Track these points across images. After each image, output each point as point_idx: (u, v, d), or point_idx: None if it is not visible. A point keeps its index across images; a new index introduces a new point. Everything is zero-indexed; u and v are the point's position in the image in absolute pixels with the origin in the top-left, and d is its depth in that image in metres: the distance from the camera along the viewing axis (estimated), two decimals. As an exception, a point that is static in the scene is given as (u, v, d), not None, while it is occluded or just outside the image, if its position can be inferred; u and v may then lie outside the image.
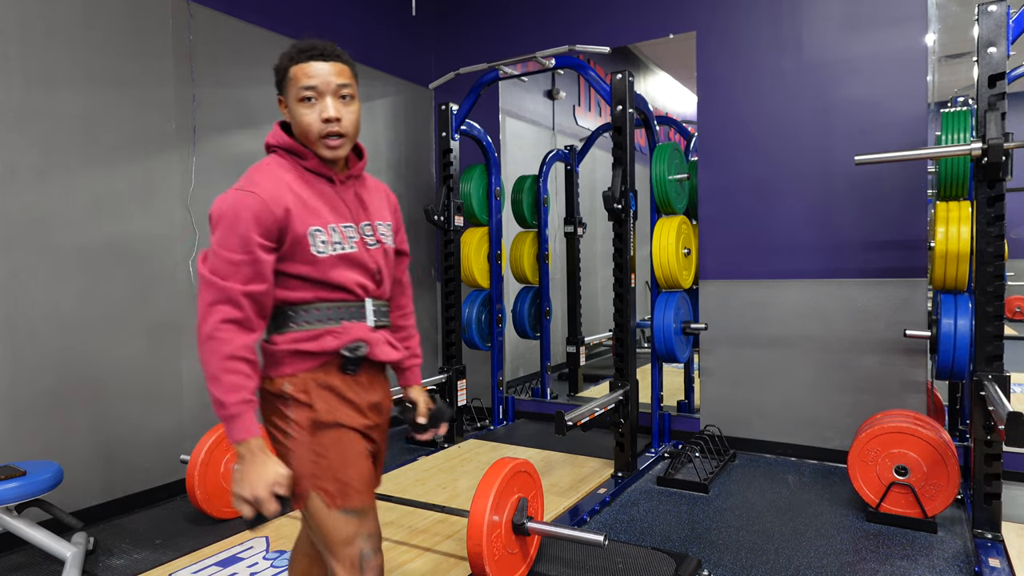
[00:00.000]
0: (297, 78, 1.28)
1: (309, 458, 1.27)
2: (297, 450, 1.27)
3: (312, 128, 1.27)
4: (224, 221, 1.20)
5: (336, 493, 1.27)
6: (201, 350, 1.17)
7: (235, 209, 1.20)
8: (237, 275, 1.19)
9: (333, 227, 1.29)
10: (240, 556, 2.36)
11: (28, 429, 2.54)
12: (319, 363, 1.28)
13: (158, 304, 2.97)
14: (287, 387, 1.27)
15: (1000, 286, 2.31)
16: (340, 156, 1.31)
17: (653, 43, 3.89)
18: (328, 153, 1.29)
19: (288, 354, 1.27)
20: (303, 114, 1.27)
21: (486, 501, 1.97)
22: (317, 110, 1.27)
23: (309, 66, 1.27)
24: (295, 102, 1.28)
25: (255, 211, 1.20)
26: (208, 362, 1.16)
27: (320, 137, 1.27)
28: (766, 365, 3.52)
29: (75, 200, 2.69)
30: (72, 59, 2.67)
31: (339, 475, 1.27)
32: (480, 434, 3.98)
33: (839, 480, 3.09)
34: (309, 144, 1.29)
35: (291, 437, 1.27)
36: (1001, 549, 2.28)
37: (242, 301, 1.18)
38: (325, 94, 1.27)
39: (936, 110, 3.08)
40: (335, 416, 1.29)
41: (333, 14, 3.90)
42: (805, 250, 3.42)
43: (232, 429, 1.16)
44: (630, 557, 2.27)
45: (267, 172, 1.27)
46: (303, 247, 1.25)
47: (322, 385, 1.29)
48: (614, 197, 3.04)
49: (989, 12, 2.30)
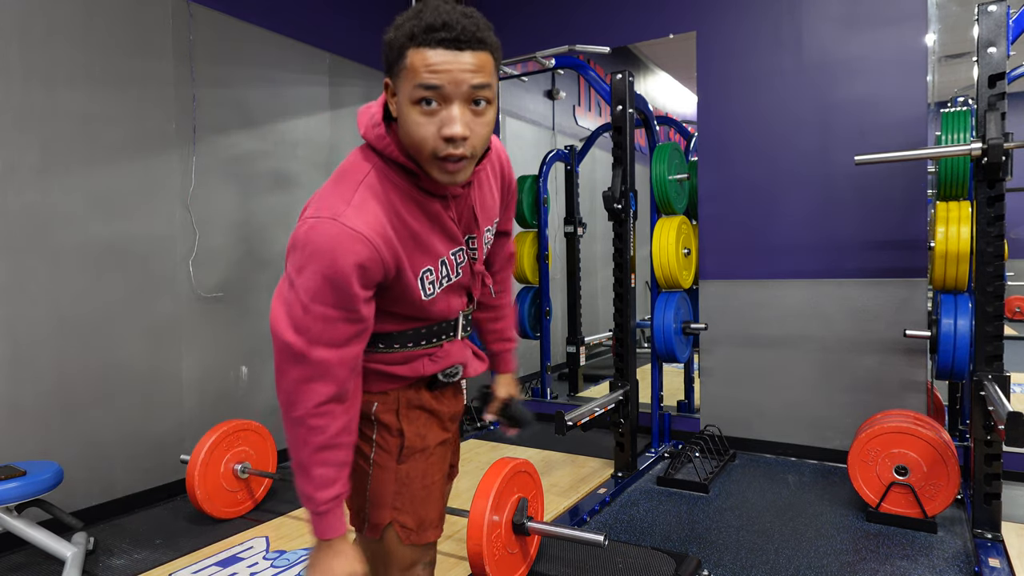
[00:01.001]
0: (415, 70, 0.90)
1: (392, 488, 1.12)
2: (379, 477, 1.12)
3: (427, 145, 0.93)
4: (318, 265, 0.92)
5: (414, 528, 1.14)
6: (289, 432, 0.99)
7: (335, 255, 0.92)
8: (333, 336, 0.95)
9: (443, 260, 1.07)
10: (240, 556, 2.36)
11: (28, 429, 2.54)
12: (407, 384, 1.14)
13: (158, 304, 2.97)
14: (375, 408, 1.11)
15: (1000, 286, 2.31)
16: (459, 181, 0.98)
17: (653, 43, 3.89)
18: (444, 179, 0.97)
19: (376, 374, 1.10)
20: (417, 123, 0.93)
21: (486, 501, 1.97)
22: (438, 121, 0.92)
23: (435, 54, 0.89)
24: (408, 102, 0.93)
25: (362, 261, 0.93)
26: (297, 449, 0.99)
27: (434, 157, 0.94)
28: (766, 365, 3.52)
29: (75, 200, 2.69)
30: (72, 59, 2.67)
31: (420, 510, 1.14)
32: (480, 434, 3.98)
33: (839, 480, 3.09)
34: (419, 158, 0.97)
35: (374, 463, 1.12)
36: (1001, 549, 2.28)
37: (338, 372, 0.98)
38: (453, 99, 0.91)
39: (936, 110, 3.08)
40: (424, 440, 1.15)
41: (333, 14, 3.90)
42: (805, 250, 3.42)
43: (318, 526, 1.01)
44: (630, 557, 2.27)
45: (370, 194, 0.98)
46: (411, 292, 1.03)
47: (413, 405, 1.14)
48: (614, 197, 3.04)
49: (989, 12, 2.30)
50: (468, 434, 3.97)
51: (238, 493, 2.76)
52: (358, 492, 1.13)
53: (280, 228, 3.55)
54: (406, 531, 1.13)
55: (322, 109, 3.83)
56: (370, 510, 1.13)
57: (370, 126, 1.01)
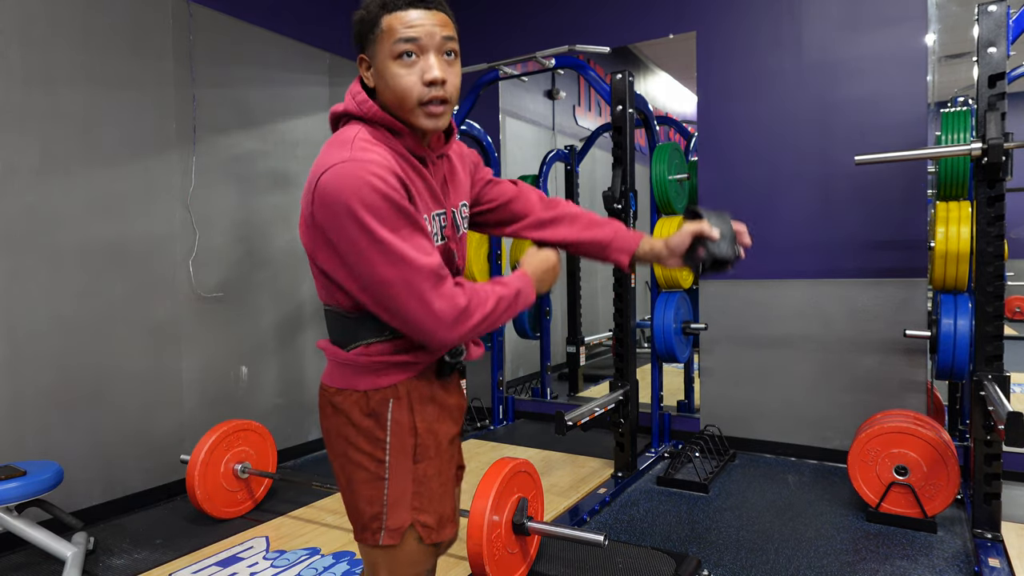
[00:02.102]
0: (393, 29, 1.01)
1: (410, 489, 1.09)
2: (396, 479, 1.09)
3: (412, 92, 1.01)
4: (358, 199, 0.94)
5: (435, 527, 1.12)
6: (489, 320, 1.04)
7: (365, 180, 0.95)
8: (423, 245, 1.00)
9: (434, 215, 1.09)
10: (240, 556, 2.36)
11: (28, 429, 2.54)
12: (417, 371, 1.11)
13: (158, 304, 2.97)
14: (390, 406, 1.08)
15: (1000, 286, 2.31)
16: (442, 126, 1.06)
17: (653, 43, 3.89)
18: (429, 123, 1.04)
19: (385, 365, 1.08)
20: (400, 75, 1.01)
21: (486, 501, 1.97)
22: (418, 69, 1.01)
23: (408, 14, 1.01)
24: (389, 59, 1.01)
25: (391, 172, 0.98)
26: (498, 313, 1.05)
27: (420, 104, 1.02)
28: (766, 365, 3.52)
29: (75, 200, 2.69)
30: (72, 59, 2.67)
31: (439, 507, 1.12)
32: (480, 434, 3.98)
33: (839, 480, 3.09)
34: (404, 114, 1.04)
35: (389, 466, 1.09)
36: (1001, 549, 2.28)
37: (442, 271, 1.00)
38: (428, 49, 1.02)
39: (936, 110, 3.08)
40: (436, 436, 1.13)
41: (333, 14, 3.90)
42: (805, 250, 3.42)
43: (527, 288, 1.12)
44: (630, 557, 2.28)
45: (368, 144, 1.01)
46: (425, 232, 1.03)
47: (425, 398, 1.12)
48: (614, 197, 3.04)
49: (989, 12, 2.30)
50: (468, 434, 3.97)
51: (238, 493, 2.76)
52: (372, 500, 1.09)
53: (280, 228, 3.55)
54: (428, 530, 1.11)
55: (322, 109, 3.83)
56: (388, 515, 1.09)
57: (352, 99, 1.07)
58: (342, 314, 1.09)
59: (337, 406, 1.10)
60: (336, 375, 1.11)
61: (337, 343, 1.12)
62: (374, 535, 1.10)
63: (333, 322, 1.12)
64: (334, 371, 1.12)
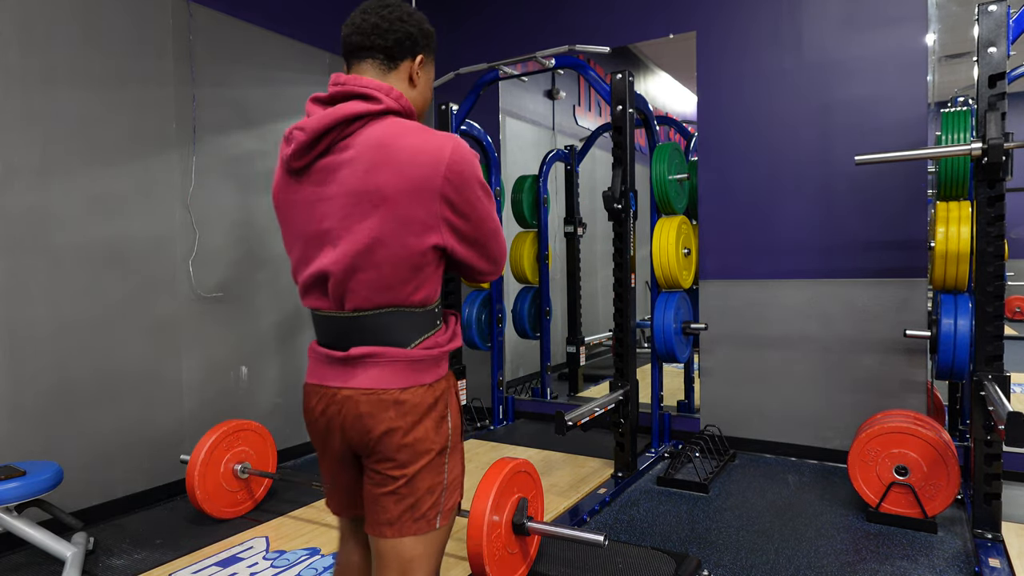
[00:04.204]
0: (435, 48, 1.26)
1: (460, 468, 1.23)
2: (453, 461, 1.20)
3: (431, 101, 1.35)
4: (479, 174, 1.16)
5: (461, 497, 1.25)
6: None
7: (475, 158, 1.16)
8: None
9: None
10: (240, 556, 2.36)
11: (28, 429, 2.54)
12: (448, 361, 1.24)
13: (158, 304, 2.97)
14: (447, 391, 1.20)
15: (1000, 286, 2.31)
16: None
17: (653, 43, 3.89)
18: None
19: (443, 355, 1.19)
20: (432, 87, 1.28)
21: (486, 501, 1.97)
22: None
23: None
24: (432, 70, 1.26)
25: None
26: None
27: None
28: (766, 365, 3.52)
29: (75, 200, 2.69)
30: (72, 59, 2.67)
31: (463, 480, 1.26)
32: (480, 434, 3.98)
33: (839, 480, 3.09)
34: (419, 115, 1.24)
35: (451, 448, 1.19)
36: (1001, 549, 2.28)
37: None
38: None
39: (936, 110, 3.08)
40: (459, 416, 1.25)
41: (333, 14, 3.90)
42: (805, 250, 3.42)
43: None
44: (630, 557, 2.27)
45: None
46: None
47: (453, 385, 1.24)
48: (614, 197, 3.04)
49: (989, 12, 2.30)
50: (468, 434, 3.97)
51: (238, 493, 2.76)
52: (433, 488, 1.15)
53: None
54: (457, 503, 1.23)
55: (322, 109, 3.82)
56: (446, 496, 1.17)
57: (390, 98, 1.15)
58: (406, 311, 1.14)
59: (404, 403, 1.13)
60: (398, 375, 1.13)
61: (396, 343, 1.14)
62: (430, 522, 1.15)
63: (391, 322, 1.13)
64: (394, 372, 1.13)
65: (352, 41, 1.18)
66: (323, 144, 1.11)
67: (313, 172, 1.13)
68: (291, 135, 1.13)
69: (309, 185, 1.13)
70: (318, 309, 1.18)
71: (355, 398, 1.13)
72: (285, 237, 1.22)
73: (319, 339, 1.21)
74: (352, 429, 1.14)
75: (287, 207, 1.18)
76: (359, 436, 1.14)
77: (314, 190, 1.13)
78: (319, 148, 1.11)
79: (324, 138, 1.10)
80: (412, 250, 1.09)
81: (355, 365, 1.14)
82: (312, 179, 1.13)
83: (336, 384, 1.15)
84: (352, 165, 1.09)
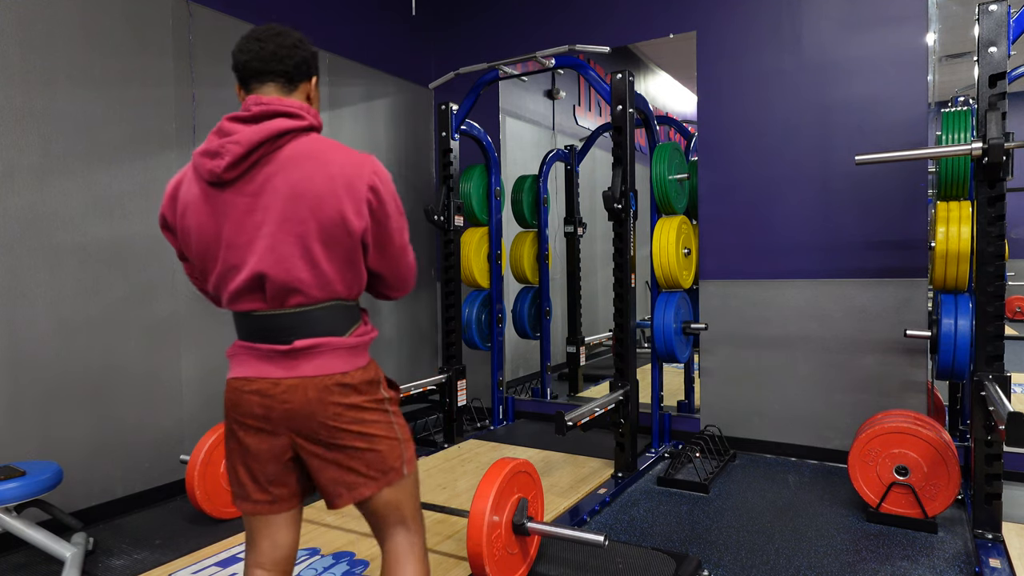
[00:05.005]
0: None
1: (406, 427, 1.37)
2: (398, 420, 1.35)
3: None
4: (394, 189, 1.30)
5: (415, 447, 1.40)
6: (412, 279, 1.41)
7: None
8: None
9: None
10: (240, 556, 2.36)
11: (28, 429, 2.54)
12: None
13: (158, 304, 2.97)
14: (375, 370, 1.34)
15: (1000, 286, 2.31)
16: None
17: (653, 43, 3.89)
18: None
19: (369, 340, 1.34)
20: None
21: (486, 501, 1.97)
22: None
23: None
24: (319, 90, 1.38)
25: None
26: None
27: None
28: (766, 365, 3.52)
29: (75, 200, 2.69)
30: (72, 59, 2.67)
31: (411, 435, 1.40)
32: (480, 434, 3.98)
33: (839, 480, 3.09)
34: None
35: (392, 412, 1.34)
36: (1001, 549, 2.27)
37: None
38: None
39: (936, 110, 3.08)
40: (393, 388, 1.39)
41: (333, 14, 3.90)
42: (805, 250, 3.42)
43: None
44: (630, 557, 2.27)
45: None
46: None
47: (379, 369, 1.38)
48: (614, 197, 3.04)
49: (989, 12, 2.30)
50: (468, 434, 3.97)
51: (238, 493, 2.76)
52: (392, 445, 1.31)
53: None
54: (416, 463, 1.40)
55: (321, 109, 3.83)
56: (405, 448, 1.34)
57: (314, 118, 1.30)
58: (342, 304, 1.28)
59: (352, 385, 1.26)
60: (340, 361, 1.26)
61: (335, 333, 1.26)
62: (398, 472, 1.32)
63: (328, 315, 1.26)
64: (337, 358, 1.26)
65: (252, 67, 1.30)
66: (255, 156, 1.20)
67: (243, 183, 1.21)
68: (221, 149, 1.21)
69: (239, 196, 1.21)
70: (253, 310, 1.25)
71: (302, 385, 1.23)
72: (195, 247, 1.27)
73: (250, 337, 1.27)
74: (300, 415, 1.23)
75: (204, 217, 1.24)
76: (307, 420, 1.24)
77: (247, 200, 1.21)
78: (251, 159, 1.20)
79: (257, 151, 1.20)
80: (346, 247, 1.23)
81: (299, 356, 1.24)
82: (242, 190, 1.21)
83: (278, 375, 1.23)
84: (285, 174, 1.20)
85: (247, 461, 1.28)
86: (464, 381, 3.92)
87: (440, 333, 4.24)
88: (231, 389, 1.28)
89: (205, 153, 1.23)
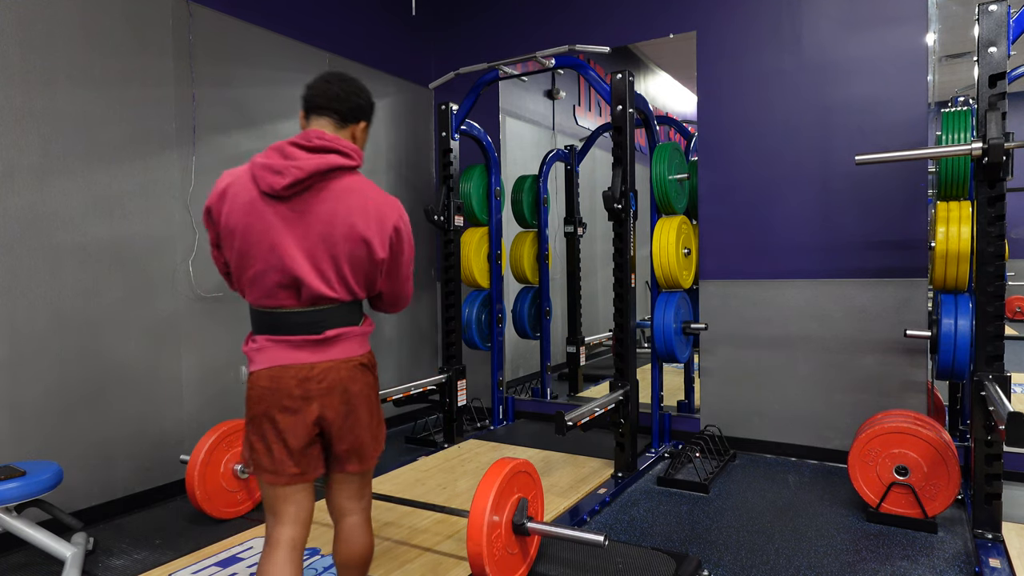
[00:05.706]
0: None
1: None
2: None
3: None
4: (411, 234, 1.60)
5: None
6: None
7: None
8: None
9: None
10: (240, 556, 2.36)
11: (28, 429, 2.54)
12: None
13: (158, 304, 2.97)
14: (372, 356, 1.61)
15: (1000, 286, 2.31)
16: None
17: (653, 43, 3.89)
18: None
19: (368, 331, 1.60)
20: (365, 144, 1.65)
21: (486, 501, 1.97)
22: None
23: None
24: (367, 134, 1.62)
25: None
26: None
27: None
28: (766, 365, 3.52)
29: (75, 200, 2.69)
30: (72, 59, 2.67)
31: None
32: (480, 434, 3.98)
33: (839, 480, 3.09)
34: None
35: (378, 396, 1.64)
36: (1001, 549, 2.27)
37: None
38: None
39: (936, 110, 3.08)
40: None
41: (333, 14, 3.90)
42: (805, 250, 3.42)
43: None
44: (630, 557, 2.27)
45: None
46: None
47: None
48: (614, 197, 3.04)
49: (989, 12, 2.30)
50: (468, 434, 3.97)
51: (238, 493, 2.76)
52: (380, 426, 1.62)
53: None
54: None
55: (322, 109, 3.82)
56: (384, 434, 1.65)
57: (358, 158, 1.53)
58: (357, 303, 1.56)
59: (367, 365, 1.57)
60: (358, 345, 1.55)
61: (350, 323, 1.53)
62: (380, 443, 1.62)
63: (348, 310, 1.53)
64: (357, 344, 1.55)
65: (316, 101, 1.53)
66: (309, 181, 1.44)
67: (295, 201, 1.44)
68: (285, 169, 1.42)
69: (289, 211, 1.44)
70: (283, 307, 1.48)
71: (335, 367, 1.50)
72: (239, 244, 1.46)
73: (279, 331, 1.48)
74: (334, 391, 1.49)
75: (253, 220, 1.45)
76: (340, 395, 1.50)
77: (295, 216, 1.44)
78: (306, 183, 1.44)
79: (312, 178, 1.44)
80: (367, 269, 1.51)
81: (330, 343, 1.49)
82: (293, 206, 1.44)
83: (313, 360, 1.48)
84: (331, 203, 1.45)
85: (285, 439, 1.48)
86: (464, 381, 3.92)
87: (440, 333, 4.24)
88: (267, 377, 1.47)
89: (269, 168, 1.44)
